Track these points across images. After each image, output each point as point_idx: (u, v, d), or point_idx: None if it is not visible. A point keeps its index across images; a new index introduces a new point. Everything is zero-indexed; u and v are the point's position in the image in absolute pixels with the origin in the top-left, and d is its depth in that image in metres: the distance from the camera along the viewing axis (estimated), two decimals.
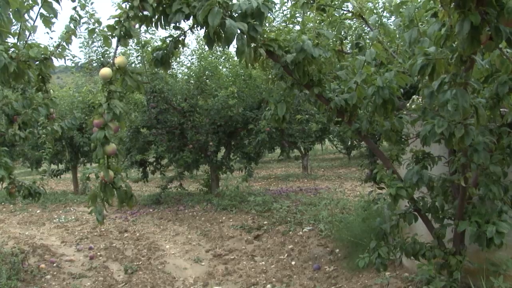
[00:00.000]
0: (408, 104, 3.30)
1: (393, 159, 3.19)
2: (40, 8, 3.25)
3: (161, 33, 32.98)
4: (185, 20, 2.68)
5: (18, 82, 3.53)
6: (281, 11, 6.01)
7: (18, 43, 3.31)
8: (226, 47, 2.44)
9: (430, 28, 2.09)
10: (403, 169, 3.11)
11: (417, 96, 3.28)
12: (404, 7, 2.67)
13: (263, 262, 5.28)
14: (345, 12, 3.41)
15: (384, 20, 3.70)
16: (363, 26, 3.98)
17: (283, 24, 5.03)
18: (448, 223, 3.03)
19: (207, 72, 8.71)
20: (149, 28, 2.92)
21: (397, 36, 3.34)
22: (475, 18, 1.84)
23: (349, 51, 3.44)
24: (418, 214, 3.11)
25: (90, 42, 8.17)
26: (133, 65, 8.40)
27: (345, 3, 3.40)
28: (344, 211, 6.51)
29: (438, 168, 3.18)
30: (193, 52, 8.86)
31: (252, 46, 2.57)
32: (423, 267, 3.14)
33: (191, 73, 8.91)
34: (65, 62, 3.71)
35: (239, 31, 2.41)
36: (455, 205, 2.98)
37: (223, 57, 8.94)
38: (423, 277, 3.24)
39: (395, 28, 3.30)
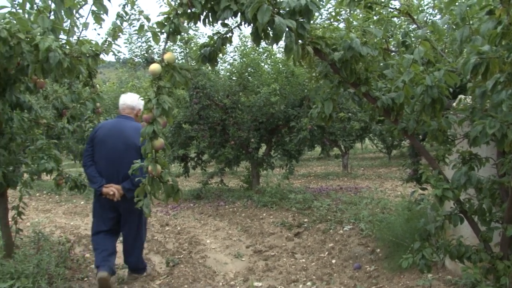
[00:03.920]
0: (454, 104, 3.24)
1: (439, 160, 3.14)
2: (91, 6, 3.36)
3: (203, 29, 33.37)
4: (233, 17, 2.72)
5: (71, 77, 3.65)
6: (325, 9, 5.99)
7: (69, 39, 3.43)
8: (275, 44, 2.46)
9: (484, 25, 2.05)
10: (449, 169, 3.06)
11: (464, 96, 3.21)
12: (456, 4, 2.61)
13: (304, 260, 5.28)
14: (392, 10, 3.37)
15: (430, 17, 3.64)
16: (408, 24, 3.93)
17: (327, 21, 5.00)
18: (495, 227, 2.96)
19: (249, 69, 8.75)
20: (193, 24, 2.97)
21: (446, 34, 3.28)
22: None
23: (393, 49, 3.40)
24: (464, 216, 3.05)
25: (136, 38, 8.33)
26: (176, 61, 8.52)
27: (392, 1, 3.37)
28: (384, 211, 6.44)
29: (485, 169, 3.10)
30: (236, 49, 8.92)
31: (299, 43, 2.58)
32: (468, 271, 3.08)
33: (234, 69, 8.97)
34: (115, 58, 3.82)
35: (287, 29, 2.42)
36: (503, 208, 2.91)
37: (265, 54, 8.96)
38: (468, 281, 3.18)
39: (443, 26, 3.24)
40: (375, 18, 3.28)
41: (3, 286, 3.84)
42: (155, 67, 2.64)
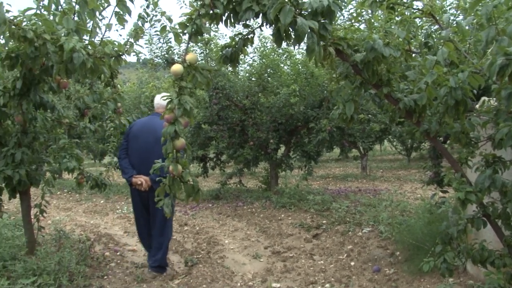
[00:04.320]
0: (477, 106, 3.20)
1: (462, 162, 3.09)
2: (115, 7, 3.40)
3: (223, 30, 33.51)
4: (255, 18, 2.71)
5: (94, 78, 3.69)
6: (346, 9, 5.94)
7: (93, 40, 3.47)
8: (297, 45, 2.45)
9: (511, 26, 2.01)
10: (472, 172, 3.02)
11: (487, 98, 3.16)
12: (480, 4, 2.57)
13: (322, 261, 5.26)
14: (414, 11, 3.34)
15: (453, 18, 3.59)
16: (430, 25, 3.87)
17: (348, 22, 4.97)
18: None
19: (268, 70, 8.75)
20: (214, 25, 2.97)
21: (470, 35, 3.23)
22: None
23: (414, 50, 3.37)
24: (487, 219, 3.00)
25: (157, 39, 8.36)
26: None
27: (414, 1, 3.33)
28: (404, 214, 6.39)
29: (509, 173, 3.05)
30: (255, 50, 8.92)
31: (321, 44, 2.56)
32: (491, 276, 3.03)
33: (253, 70, 8.97)
34: (137, 59, 3.85)
35: (309, 30, 2.41)
36: None
37: (284, 55, 8.95)
38: (491, 286, 3.12)
39: (468, 27, 3.20)
40: (397, 19, 3.25)
41: (26, 282, 3.91)
42: (177, 67, 2.64)
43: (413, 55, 3.29)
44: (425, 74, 2.74)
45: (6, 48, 3.44)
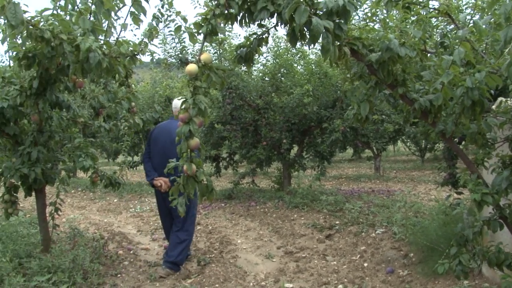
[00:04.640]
0: (494, 107, 3.16)
1: (478, 163, 3.06)
2: (130, 7, 3.42)
3: (237, 30, 33.52)
4: (270, 18, 2.71)
5: (109, 77, 3.71)
6: (361, 9, 5.91)
7: (108, 40, 3.49)
8: (312, 45, 2.44)
9: None
10: (489, 174, 2.98)
11: (504, 98, 3.13)
12: (498, 3, 2.54)
13: (335, 262, 5.24)
14: (430, 10, 3.31)
15: (469, 17, 3.55)
16: (446, 25, 3.84)
17: (363, 22, 4.95)
18: None
19: (282, 70, 8.73)
20: (229, 25, 2.97)
21: (487, 35, 3.20)
22: None
23: (429, 50, 3.34)
24: (504, 222, 2.96)
25: (171, 39, 8.38)
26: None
27: (430, 1, 3.31)
28: (418, 215, 6.34)
29: None
30: (269, 50, 8.91)
31: (336, 44, 2.55)
32: (507, 279, 2.99)
33: (266, 70, 8.96)
34: (151, 59, 3.87)
35: (324, 30, 2.40)
36: None
37: (298, 55, 8.93)
38: None
39: (485, 26, 3.16)
40: (412, 18, 3.23)
41: (41, 279, 3.95)
42: (192, 67, 2.65)
43: (429, 55, 3.26)
44: (441, 74, 2.71)
45: (23, 48, 3.48)
